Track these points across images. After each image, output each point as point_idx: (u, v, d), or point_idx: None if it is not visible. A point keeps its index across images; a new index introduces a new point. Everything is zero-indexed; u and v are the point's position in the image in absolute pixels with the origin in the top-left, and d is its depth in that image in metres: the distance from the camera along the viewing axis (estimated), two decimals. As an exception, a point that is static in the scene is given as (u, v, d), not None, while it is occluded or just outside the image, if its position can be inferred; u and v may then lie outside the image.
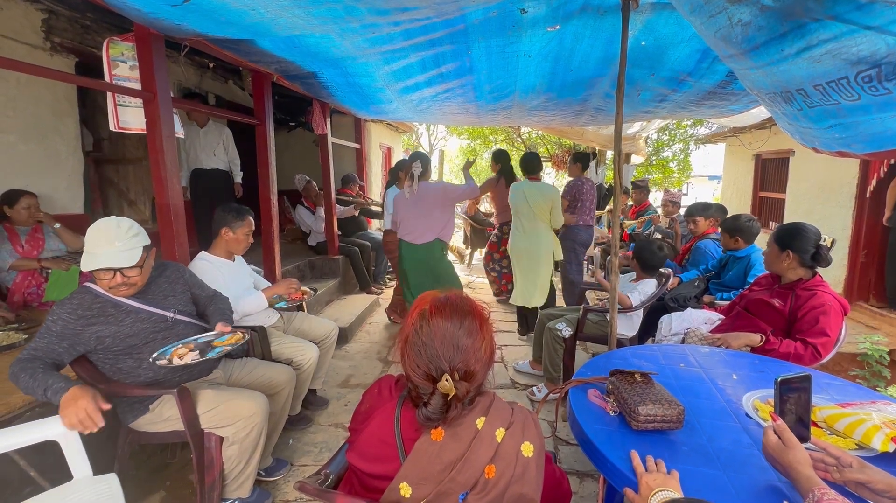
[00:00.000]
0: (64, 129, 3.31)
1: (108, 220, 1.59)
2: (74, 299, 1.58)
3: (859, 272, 4.13)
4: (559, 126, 5.26)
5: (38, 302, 2.61)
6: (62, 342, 1.53)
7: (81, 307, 1.57)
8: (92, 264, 1.54)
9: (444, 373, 0.86)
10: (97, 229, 1.56)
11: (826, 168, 4.51)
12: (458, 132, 12.54)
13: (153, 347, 1.66)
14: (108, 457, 1.79)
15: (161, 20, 1.93)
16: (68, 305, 1.56)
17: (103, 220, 1.59)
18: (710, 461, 1.08)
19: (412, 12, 1.93)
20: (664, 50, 2.56)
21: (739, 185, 6.65)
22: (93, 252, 1.54)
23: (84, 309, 1.57)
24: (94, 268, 1.54)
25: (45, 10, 3.05)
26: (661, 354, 1.75)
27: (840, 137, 1.88)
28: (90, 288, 1.62)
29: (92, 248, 1.54)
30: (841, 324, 1.86)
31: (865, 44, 1.41)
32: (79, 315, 1.55)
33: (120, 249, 1.55)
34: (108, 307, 1.61)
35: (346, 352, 3.52)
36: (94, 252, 1.54)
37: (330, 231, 4.68)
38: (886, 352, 2.99)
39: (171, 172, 2.27)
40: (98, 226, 1.57)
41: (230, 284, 2.20)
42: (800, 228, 1.96)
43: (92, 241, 1.55)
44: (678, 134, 10.13)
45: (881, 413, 1.15)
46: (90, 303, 1.59)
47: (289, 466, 2.09)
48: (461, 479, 0.83)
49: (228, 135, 4.11)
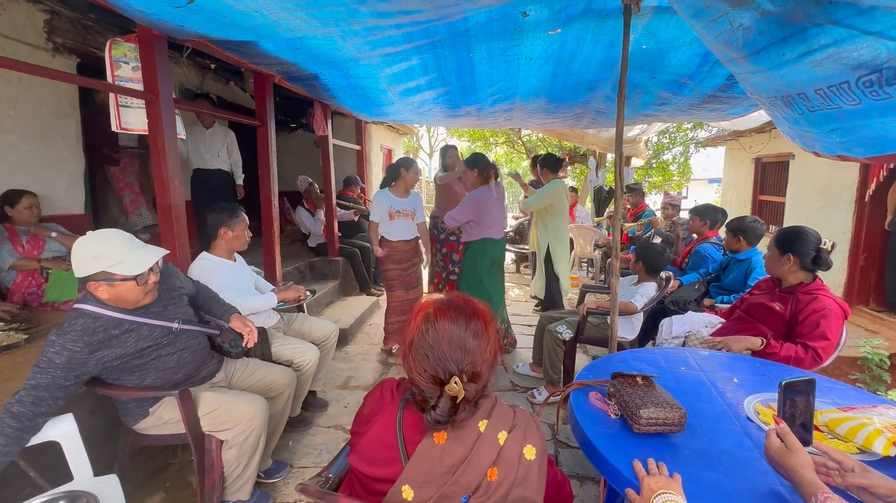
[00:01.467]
0: (65, 130, 3.31)
1: (107, 231, 1.51)
2: (76, 324, 1.44)
3: (859, 276, 4.13)
4: (560, 129, 5.27)
5: (38, 302, 2.60)
6: (69, 374, 1.40)
7: (87, 332, 1.44)
8: (144, 263, 1.48)
9: (453, 375, 0.86)
10: (112, 239, 1.49)
11: (826, 172, 4.52)
12: (459, 134, 12.57)
13: (157, 364, 1.61)
14: (109, 458, 1.79)
15: (164, 21, 1.93)
16: (71, 333, 1.42)
17: (103, 232, 1.50)
18: (712, 465, 1.08)
19: (414, 15, 1.94)
20: (665, 53, 2.57)
21: (739, 189, 6.66)
22: (127, 258, 1.47)
23: (90, 334, 1.45)
24: (148, 265, 1.49)
25: (48, 10, 3.06)
26: (661, 357, 1.75)
27: (841, 141, 1.88)
28: (85, 310, 1.48)
29: (122, 256, 1.46)
30: (841, 328, 1.86)
31: (866, 49, 1.41)
32: (86, 342, 1.43)
33: (143, 247, 1.53)
34: (110, 328, 1.50)
35: (346, 354, 3.52)
36: (129, 257, 1.47)
37: (330, 232, 4.68)
38: (886, 356, 3.00)
39: (172, 173, 2.27)
40: (106, 238, 1.49)
41: (233, 284, 2.20)
42: (800, 232, 1.96)
43: (116, 250, 1.47)
44: (678, 137, 10.16)
45: (882, 417, 1.15)
46: (93, 326, 1.46)
47: (288, 468, 2.09)
48: (464, 482, 0.83)
49: (232, 137, 4.12)
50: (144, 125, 2.22)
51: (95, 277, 1.46)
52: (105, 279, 1.46)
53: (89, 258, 1.45)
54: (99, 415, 1.87)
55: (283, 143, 6.43)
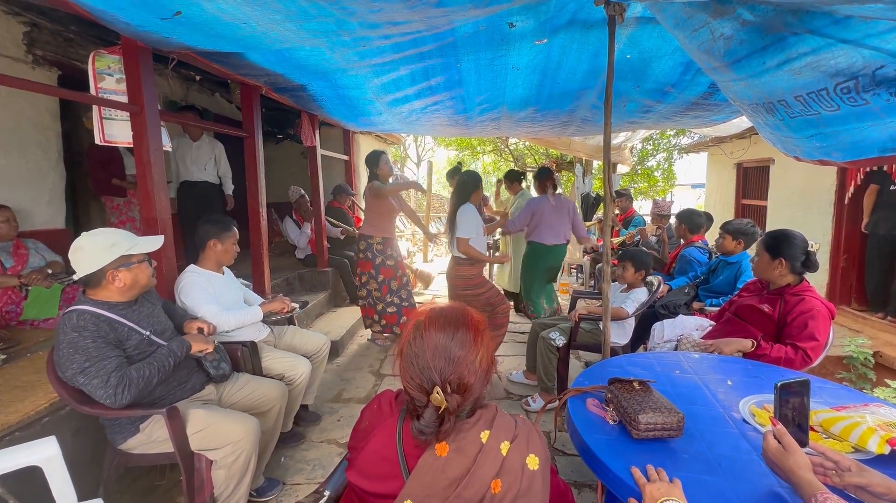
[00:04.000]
0: (45, 143, 3.24)
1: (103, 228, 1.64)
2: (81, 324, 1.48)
3: (840, 277, 4.24)
4: (547, 137, 5.34)
5: (15, 320, 2.52)
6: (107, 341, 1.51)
7: (88, 329, 1.49)
8: (154, 242, 1.67)
9: (436, 385, 0.85)
10: (115, 230, 1.64)
11: (805, 176, 4.65)
12: (447, 143, 12.62)
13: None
14: (94, 481, 1.73)
15: (150, 33, 1.91)
16: (85, 333, 1.47)
17: (102, 229, 1.63)
18: (712, 468, 1.08)
19: (403, 26, 1.95)
20: (649, 63, 2.63)
21: (722, 194, 6.81)
22: (139, 240, 1.63)
23: (92, 329, 1.50)
24: (158, 244, 1.68)
25: (28, 23, 3.00)
26: (656, 362, 1.76)
27: (820, 146, 1.93)
28: (77, 308, 1.52)
29: (134, 240, 1.62)
30: (829, 328, 1.90)
31: (843, 57, 1.46)
32: (97, 335, 1.49)
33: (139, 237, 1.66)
34: (102, 324, 1.53)
35: (338, 366, 3.47)
36: (139, 240, 1.63)
37: (319, 244, 4.64)
38: (871, 355, 3.06)
39: (158, 186, 2.23)
40: (110, 230, 1.62)
41: (222, 297, 2.16)
42: (788, 236, 1.99)
43: (126, 236, 1.62)
44: (662, 143, 10.36)
45: (875, 415, 1.17)
46: (95, 322, 1.51)
47: (281, 486, 2.04)
48: (467, 495, 0.81)
49: (221, 149, 4.07)
50: (129, 137, 2.19)
51: (115, 264, 1.56)
52: (124, 264, 1.58)
53: (106, 247, 1.55)
54: (82, 437, 1.80)
55: (271, 153, 6.37)
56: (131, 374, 1.49)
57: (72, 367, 1.45)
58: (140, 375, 1.50)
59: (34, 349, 2.23)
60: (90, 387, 1.44)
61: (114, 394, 1.44)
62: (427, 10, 1.69)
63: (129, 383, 1.46)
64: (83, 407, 1.52)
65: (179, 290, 2.09)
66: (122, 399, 1.45)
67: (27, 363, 2.09)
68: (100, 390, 1.44)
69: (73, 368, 1.45)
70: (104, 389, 1.44)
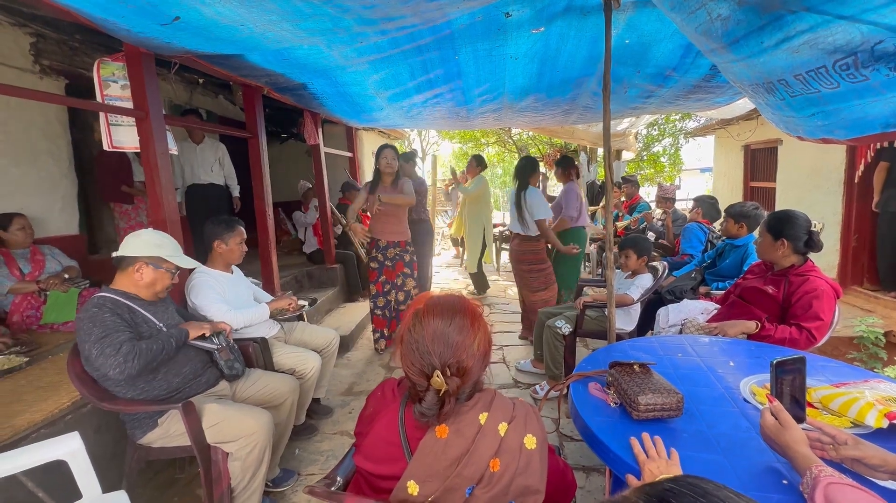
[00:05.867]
0: (56, 152, 3.32)
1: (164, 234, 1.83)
2: (102, 302, 1.61)
3: (852, 257, 4.17)
4: (549, 126, 5.31)
5: (36, 324, 2.60)
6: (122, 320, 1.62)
7: (108, 307, 1.62)
8: (188, 263, 1.82)
9: (436, 369, 0.89)
10: (169, 238, 1.81)
11: (814, 156, 4.57)
12: (450, 136, 12.60)
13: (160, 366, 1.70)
14: (116, 475, 1.80)
15: (151, 39, 1.95)
16: (105, 309, 1.59)
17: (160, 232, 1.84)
18: (710, 446, 1.10)
19: (398, 21, 1.96)
20: (648, 47, 2.61)
21: (730, 176, 6.72)
22: (180, 254, 1.80)
23: (111, 307, 1.62)
24: (192, 266, 1.84)
25: (34, 33, 3.07)
26: (659, 346, 1.77)
27: (822, 125, 1.91)
28: (104, 295, 1.66)
29: (177, 251, 1.80)
30: (834, 308, 1.89)
31: (840, 33, 1.45)
32: (114, 313, 1.62)
33: None
34: (125, 312, 1.66)
35: (349, 360, 3.53)
36: (180, 254, 1.80)
37: (326, 240, 4.69)
38: (882, 334, 3.03)
39: (166, 189, 2.28)
40: (165, 235, 1.81)
41: (231, 296, 2.22)
42: (791, 216, 1.98)
43: (173, 246, 1.79)
44: (667, 128, 10.21)
45: (874, 391, 1.18)
46: (115, 303, 1.65)
47: (296, 476, 2.10)
48: (467, 474, 0.85)
49: (224, 151, 4.13)
50: (136, 142, 2.24)
51: (149, 259, 1.71)
52: (155, 263, 1.72)
53: (153, 244, 1.72)
54: (104, 432, 1.88)
55: (276, 153, 6.43)
56: (140, 346, 1.58)
57: (89, 339, 1.54)
58: (148, 348, 1.59)
59: (55, 351, 2.31)
60: (102, 357, 1.52)
61: (123, 363, 1.52)
62: (420, 4, 1.70)
63: (138, 353, 1.55)
64: (104, 403, 1.59)
65: (189, 290, 2.14)
66: (130, 368, 1.53)
67: (49, 365, 2.17)
68: (111, 358, 1.52)
69: (91, 340, 1.54)
70: (115, 357, 1.52)
